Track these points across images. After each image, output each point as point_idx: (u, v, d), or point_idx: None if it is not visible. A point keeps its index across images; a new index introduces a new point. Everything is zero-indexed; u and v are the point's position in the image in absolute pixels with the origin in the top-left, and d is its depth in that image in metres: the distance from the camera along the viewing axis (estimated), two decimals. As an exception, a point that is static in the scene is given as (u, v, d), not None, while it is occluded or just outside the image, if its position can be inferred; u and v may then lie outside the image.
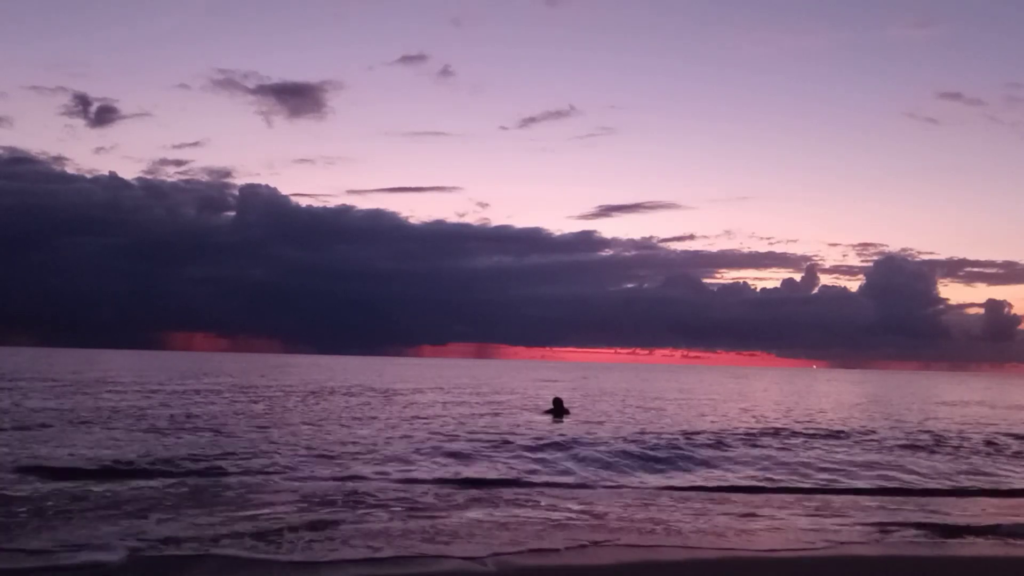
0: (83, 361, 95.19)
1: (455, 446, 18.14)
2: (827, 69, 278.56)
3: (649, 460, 17.09)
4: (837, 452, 19.85)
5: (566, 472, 15.30)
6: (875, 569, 9.40)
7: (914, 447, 21.45)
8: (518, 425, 24.32)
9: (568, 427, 24.30)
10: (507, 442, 19.07)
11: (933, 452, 20.52)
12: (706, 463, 17.18)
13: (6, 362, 78.82)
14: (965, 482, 16.03)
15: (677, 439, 20.99)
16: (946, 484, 15.70)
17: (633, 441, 20.02)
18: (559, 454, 17.34)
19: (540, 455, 17.11)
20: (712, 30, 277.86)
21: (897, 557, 9.96)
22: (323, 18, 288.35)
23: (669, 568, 9.13)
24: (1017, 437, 25.15)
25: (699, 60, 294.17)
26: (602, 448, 18.30)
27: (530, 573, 8.72)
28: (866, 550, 10.19)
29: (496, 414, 29.42)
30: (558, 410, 29.29)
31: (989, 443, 23.07)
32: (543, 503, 12.41)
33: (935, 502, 13.92)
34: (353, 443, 18.41)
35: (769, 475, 15.96)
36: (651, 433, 22.40)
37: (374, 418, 25.89)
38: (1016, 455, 20.73)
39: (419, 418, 26.38)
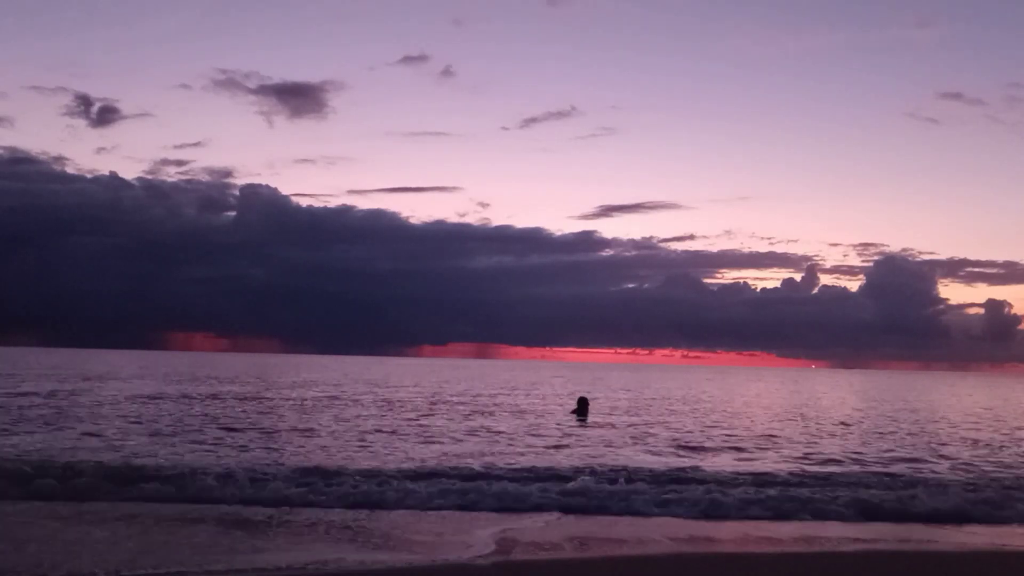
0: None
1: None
2: (827, 69, 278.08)
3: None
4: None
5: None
6: (860, 565, 9.62)
7: None
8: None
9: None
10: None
11: None
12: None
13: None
14: None
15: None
16: None
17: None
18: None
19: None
20: (713, 30, 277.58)
21: (883, 552, 10.20)
22: (324, 18, 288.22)
23: (662, 562, 9.35)
24: None
25: (700, 60, 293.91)
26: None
27: (526, 569, 8.91)
28: (852, 547, 10.42)
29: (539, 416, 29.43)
30: (582, 410, 29.45)
31: None
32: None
33: None
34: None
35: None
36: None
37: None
38: None
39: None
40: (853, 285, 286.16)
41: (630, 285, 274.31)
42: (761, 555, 9.85)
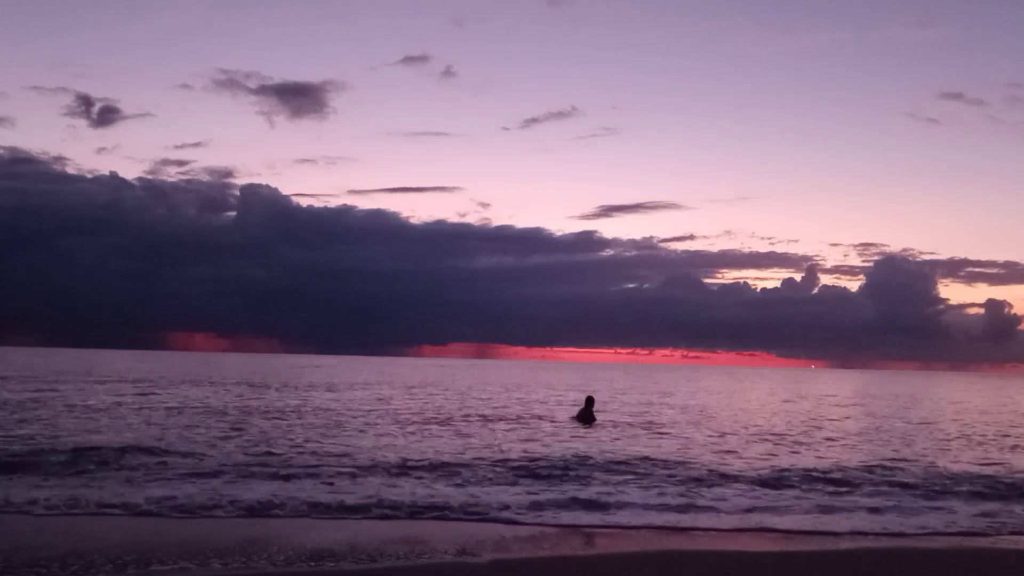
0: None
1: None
2: (828, 69, 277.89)
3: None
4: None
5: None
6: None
7: None
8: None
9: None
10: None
11: None
12: None
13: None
14: None
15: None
16: None
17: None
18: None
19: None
20: (713, 30, 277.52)
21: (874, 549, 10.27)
22: (325, 18, 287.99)
23: (660, 560, 9.42)
24: None
25: (700, 60, 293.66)
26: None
27: (524, 566, 8.97)
28: (849, 545, 10.49)
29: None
30: (587, 413, 26.24)
31: None
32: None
33: None
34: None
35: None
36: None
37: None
38: None
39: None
40: (853, 285, 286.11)
41: (630, 285, 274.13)
42: (758, 553, 9.91)
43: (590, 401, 27.31)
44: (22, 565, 8.22)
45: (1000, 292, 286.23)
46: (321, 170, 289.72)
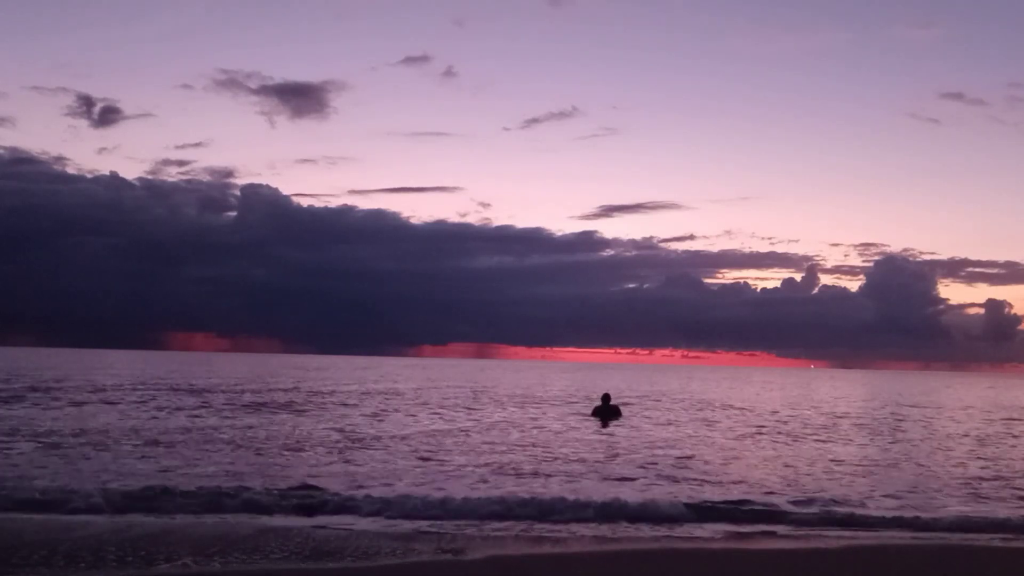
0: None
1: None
2: (829, 69, 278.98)
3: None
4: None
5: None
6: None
7: None
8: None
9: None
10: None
11: None
12: None
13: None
14: None
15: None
16: None
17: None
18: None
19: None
20: (714, 30, 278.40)
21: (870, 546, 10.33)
22: (326, 18, 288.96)
23: (656, 557, 9.48)
24: None
25: (700, 60, 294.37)
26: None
27: (517, 563, 9.03)
28: (839, 543, 10.55)
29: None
30: (606, 411, 25.96)
31: None
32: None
33: None
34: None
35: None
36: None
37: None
38: None
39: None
40: (853, 285, 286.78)
41: (630, 285, 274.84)
42: (758, 552, 9.97)
43: (606, 398, 27.84)
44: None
45: (1000, 292, 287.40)
46: (321, 170, 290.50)
